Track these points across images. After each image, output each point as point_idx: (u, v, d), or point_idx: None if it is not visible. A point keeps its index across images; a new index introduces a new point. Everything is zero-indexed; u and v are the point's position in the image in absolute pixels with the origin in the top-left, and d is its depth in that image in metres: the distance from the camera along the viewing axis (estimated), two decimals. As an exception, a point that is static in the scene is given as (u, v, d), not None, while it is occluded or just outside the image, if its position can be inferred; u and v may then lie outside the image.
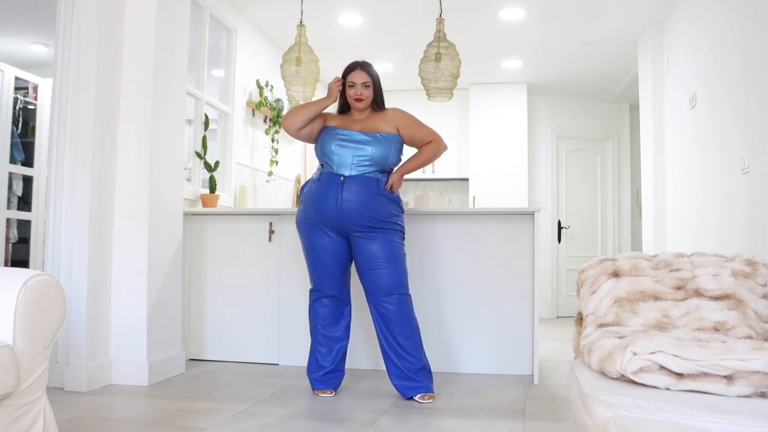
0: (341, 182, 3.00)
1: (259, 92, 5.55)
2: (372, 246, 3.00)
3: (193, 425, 2.54)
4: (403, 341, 3.01)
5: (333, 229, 3.04)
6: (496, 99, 7.21)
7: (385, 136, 3.08)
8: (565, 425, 2.61)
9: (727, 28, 3.78)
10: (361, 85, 3.10)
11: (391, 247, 3.02)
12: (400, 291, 3.03)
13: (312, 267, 3.12)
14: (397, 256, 3.04)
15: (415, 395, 2.98)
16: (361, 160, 3.02)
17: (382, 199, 3.03)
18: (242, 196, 5.22)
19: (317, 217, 3.05)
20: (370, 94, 3.12)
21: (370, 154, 3.02)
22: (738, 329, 1.81)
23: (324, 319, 3.12)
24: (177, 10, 3.59)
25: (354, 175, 3.01)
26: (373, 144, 3.03)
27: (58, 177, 3.22)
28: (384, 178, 3.08)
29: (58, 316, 1.74)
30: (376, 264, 3.00)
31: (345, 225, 3.00)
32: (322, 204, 3.02)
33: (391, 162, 3.10)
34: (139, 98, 3.38)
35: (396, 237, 3.06)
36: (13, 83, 5.27)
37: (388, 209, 3.04)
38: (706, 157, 4.10)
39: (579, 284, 2.07)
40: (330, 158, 3.05)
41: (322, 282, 3.10)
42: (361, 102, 3.10)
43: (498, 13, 5.17)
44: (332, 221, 3.01)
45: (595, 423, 1.39)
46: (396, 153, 3.12)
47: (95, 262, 3.22)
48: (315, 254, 3.09)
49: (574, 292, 7.00)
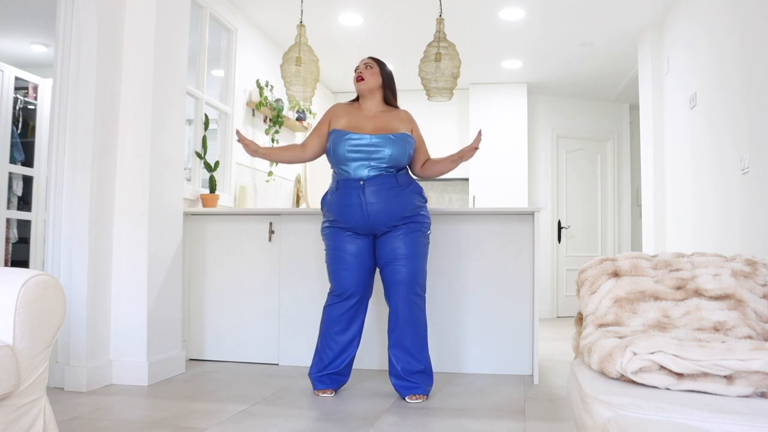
0: (362, 186, 2.98)
1: (259, 92, 5.55)
2: (395, 242, 3.00)
3: (193, 425, 2.54)
4: (409, 342, 3.00)
5: (362, 233, 3.03)
6: (496, 99, 7.21)
7: (399, 136, 3.05)
8: (565, 425, 2.61)
9: (727, 28, 3.78)
10: (363, 65, 3.13)
11: (413, 245, 3.01)
12: (414, 290, 3.01)
13: (335, 271, 3.08)
14: (417, 254, 3.02)
15: (409, 395, 2.98)
16: (379, 162, 3.00)
17: (405, 194, 3.03)
18: (242, 196, 5.22)
19: (344, 225, 3.03)
20: (372, 74, 3.12)
21: (387, 156, 3.00)
22: (738, 329, 1.81)
23: (337, 323, 3.08)
24: (177, 10, 3.59)
25: (372, 176, 2.99)
26: (387, 145, 3.00)
27: (58, 177, 3.22)
28: (400, 174, 3.06)
29: (58, 316, 1.74)
30: (396, 260, 3.00)
31: (373, 228, 3.00)
32: (347, 212, 3.00)
33: (406, 160, 3.08)
34: (139, 98, 3.38)
35: (420, 233, 3.04)
36: (13, 83, 5.27)
37: (413, 203, 3.04)
38: (706, 157, 4.10)
39: (579, 284, 2.07)
40: (345, 164, 3.02)
41: (345, 285, 3.05)
42: (362, 81, 3.11)
43: (498, 13, 5.17)
44: (360, 227, 3.01)
45: (595, 423, 1.39)
46: (411, 151, 3.09)
47: (95, 262, 3.22)
48: (341, 258, 3.05)
49: (574, 292, 7.00)
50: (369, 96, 3.16)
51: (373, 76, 3.12)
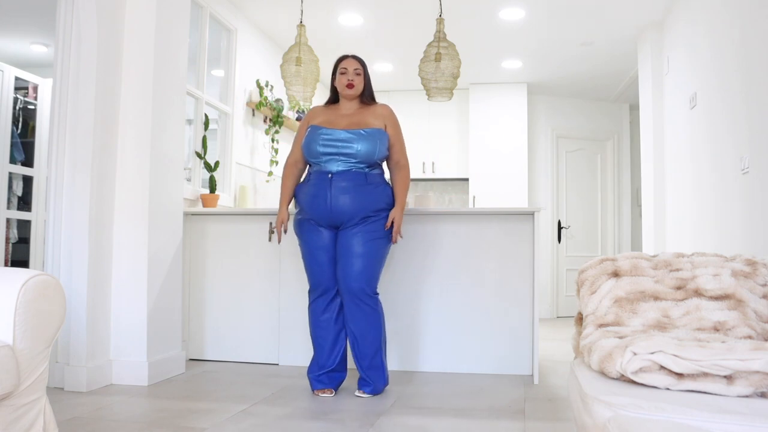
0: (329, 179, 3.02)
1: (259, 92, 5.55)
2: (353, 239, 3.01)
3: (193, 425, 2.54)
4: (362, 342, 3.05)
5: (326, 225, 3.07)
6: (496, 99, 7.21)
7: (370, 132, 3.07)
8: (565, 425, 2.61)
9: (727, 28, 3.78)
10: (353, 71, 3.14)
11: (369, 244, 3.02)
12: (366, 291, 3.02)
13: (308, 266, 3.13)
14: (372, 253, 3.03)
15: (359, 390, 3.07)
16: (348, 158, 3.04)
17: (372, 192, 3.05)
18: (242, 196, 5.22)
19: (311, 216, 3.07)
20: (361, 81, 3.15)
21: (356, 151, 3.03)
22: (738, 329, 1.81)
23: (322, 320, 3.12)
24: (177, 10, 3.59)
25: (341, 170, 3.03)
26: (358, 141, 3.04)
27: (58, 177, 3.22)
28: (372, 172, 3.08)
29: (58, 316, 1.74)
30: (350, 257, 3.00)
31: (337, 220, 3.03)
32: (314, 203, 3.04)
33: (378, 156, 3.08)
34: (139, 98, 3.38)
35: (379, 234, 3.05)
36: (13, 83, 5.27)
37: (377, 202, 3.05)
38: (706, 157, 4.10)
39: (579, 284, 2.07)
40: (317, 158, 3.08)
41: (318, 280, 3.10)
42: (352, 88, 3.12)
43: (498, 13, 5.17)
44: (325, 218, 3.04)
45: (595, 423, 1.39)
46: (382, 147, 3.10)
47: (95, 262, 3.22)
48: (310, 253, 3.10)
49: (574, 292, 7.00)
50: (351, 98, 3.19)
51: (360, 83, 3.16)
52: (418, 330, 3.77)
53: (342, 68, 3.15)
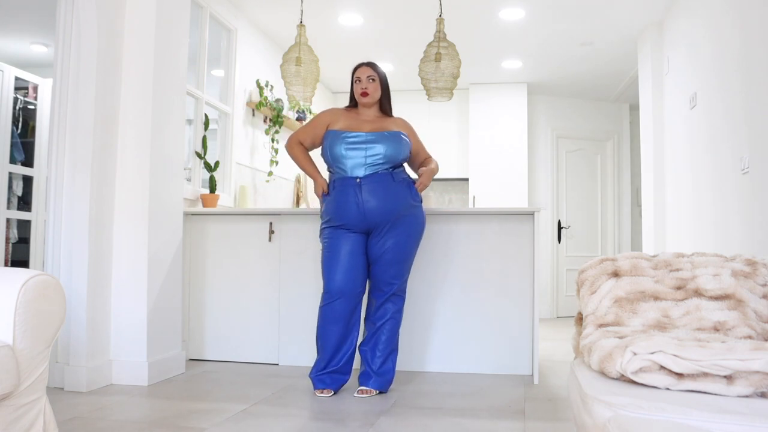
0: (358, 184, 3.04)
1: (259, 92, 5.55)
2: (387, 241, 3.07)
3: (193, 425, 2.54)
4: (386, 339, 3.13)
5: (357, 231, 3.08)
6: (496, 99, 7.21)
7: (393, 133, 3.13)
8: (565, 425, 2.61)
9: (728, 28, 3.78)
10: (366, 78, 3.16)
11: (402, 247, 3.10)
12: (396, 292, 3.15)
13: (331, 271, 3.08)
14: (405, 257, 3.13)
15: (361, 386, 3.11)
16: (375, 159, 3.05)
17: (400, 189, 3.08)
18: (242, 196, 5.22)
19: (341, 223, 3.08)
20: (376, 88, 3.17)
21: (383, 152, 3.06)
22: (738, 329, 1.81)
23: (333, 322, 3.08)
24: (177, 10, 3.59)
25: (368, 174, 3.04)
26: (382, 141, 3.07)
27: (58, 177, 3.22)
28: (397, 171, 3.12)
29: (58, 316, 1.74)
30: (384, 260, 3.08)
31: (371, 224, 3.06)
32: (345, 209, 3.05)
33: (402, 157, 3.14)
34: (139, 98, 3.38)
35: (412, 235, 3.12)
36: (13, 83, 5.27)
37: (406, 197, 3.10)
38: (706, 157, 4.10)
39: (579, 284, 2.07)
40: (342, 162, 3.07)
41: (339, 286, 3.06)
42: (367, 96, 3.15)
43: (498, 13, 5.17)
44: (357, 224, 3.06)
45: (595, 423, 1.39)
46: (405, 149, 3.15)
47: (95, 262, 3.22)
48: (338, 258, 3.07)
49: (574, 292, 7.00)
50: (369, 105, 3.22)
51: (376, 89, 3.18)
52: (417, 330, 3.77)
53: (356, 77, 3.19)
